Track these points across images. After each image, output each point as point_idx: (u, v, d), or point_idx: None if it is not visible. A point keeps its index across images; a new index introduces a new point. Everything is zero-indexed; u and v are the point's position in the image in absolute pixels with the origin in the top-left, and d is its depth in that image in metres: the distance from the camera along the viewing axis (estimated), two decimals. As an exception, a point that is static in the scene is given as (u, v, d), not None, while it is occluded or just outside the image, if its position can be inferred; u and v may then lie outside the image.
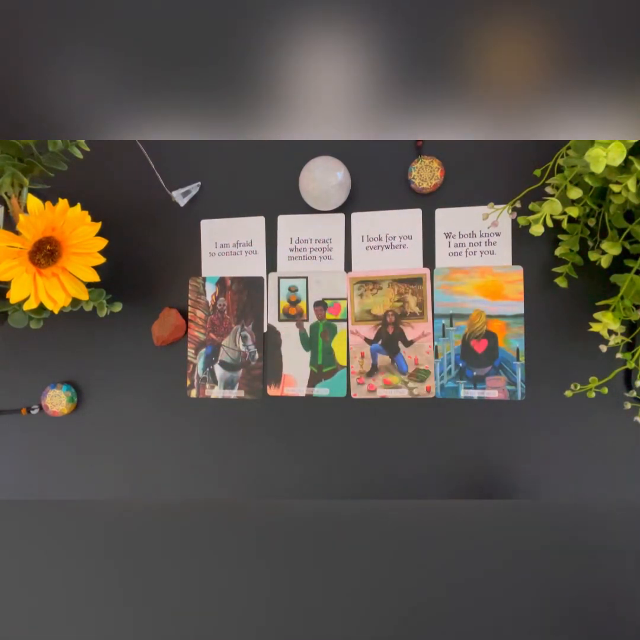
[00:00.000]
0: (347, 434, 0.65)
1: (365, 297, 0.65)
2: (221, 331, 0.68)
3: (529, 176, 0.59)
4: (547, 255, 0.61)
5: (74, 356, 0.71)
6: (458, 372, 0.63)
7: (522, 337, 0.61)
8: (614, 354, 0.56)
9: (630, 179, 0.44)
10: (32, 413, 0.71)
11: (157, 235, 0.69)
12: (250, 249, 0.68)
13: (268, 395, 0.67)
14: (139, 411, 0.69)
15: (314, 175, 0.61)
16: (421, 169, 0.62)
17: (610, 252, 0.52)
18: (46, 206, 0.52)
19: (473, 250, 0.62)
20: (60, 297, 0.55)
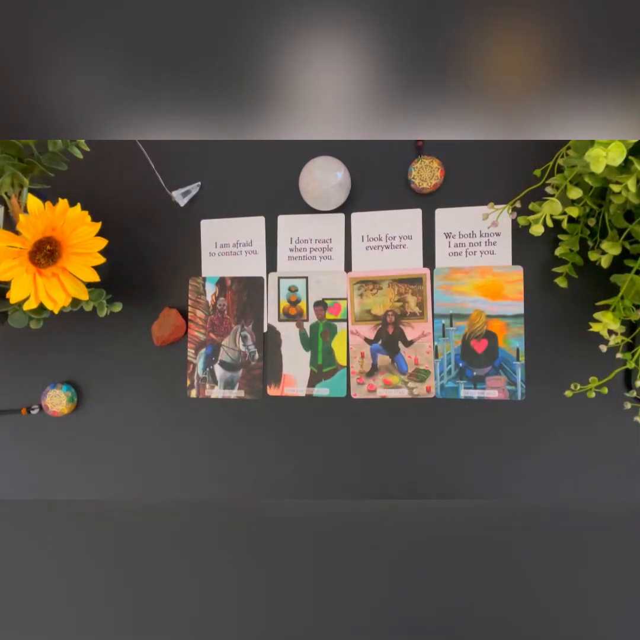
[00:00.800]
0: (347, 434, 0.65)
1: (365, 297, 0.65)
2: (221, 331, 0.68)
3: (529, 176, 0.59)
4: (547, 255, 0.61)
5: (74, 356, 0.71)
6: (458, 372, 0.63)
7: (522, 337, 0.61)
8: (614, 354, 0.56)
9: (630, 179, 0.44)
10: (32, 413, 0.71)
11: (157, 235, 0.69)
12: (250, 249, 0.68)
13: (268, 395, 0.67)
14: (139, 411, 0.69)
15: (314, 175, 0.61)
16: (421, 169, 0.62)
17: (610, 252, 0.52)
18: (46, 206, 0.52)
19: (473, 250, 0.62)
20: (60, 297, 0.55)
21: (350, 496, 0.65)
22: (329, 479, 0.65)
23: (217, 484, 0.67)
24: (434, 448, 0.63)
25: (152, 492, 0.69)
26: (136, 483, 0.69)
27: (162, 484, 0.68)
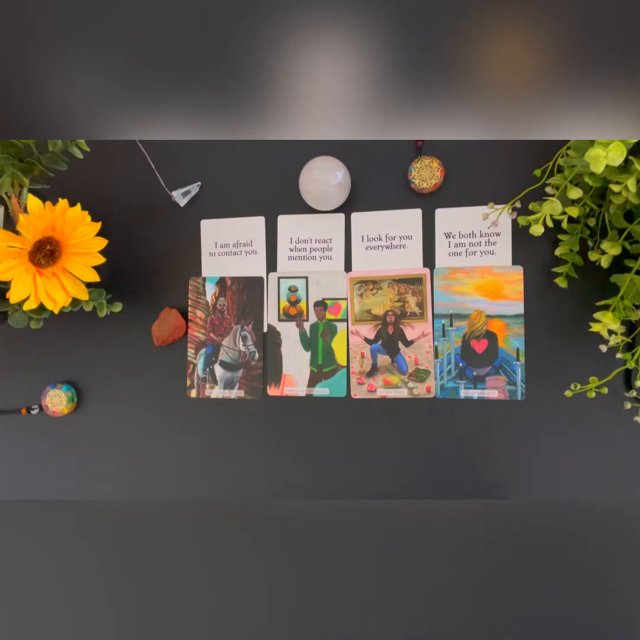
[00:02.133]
0: (347, 434, 0.65)
1: (365, 297, 0.65)
2: (221, 331, 0.68)
3: (529, 176, 0.59)
4: (547, 255, 0.61)
5: (74, 356, 0.71)
6: (458, 372, 0.63)
7: (522, 337, 0.61)
8: (614, 354, 0.56)
9: (630, 179, 0.44)
10: (32, 413, 0.71)
11: (157, 235, 0.70)
12: (250, 249, 0.68)
13: (268, 395, 0.67)
14: (139, 411, 0.69)
15: (314, 175, 0.61)
16: (421, 169, 0.62)
17: (610, 252, 0.52)
18: (46, 206, 0.52)
19: (473, 250, 0.62)
20: (60, 297, 0.55)
21: (350, 496, 0.65)
22: (329, 478, 0.65)
23: (217, 484, 0.67)
24: (434, 448, 0.63)
25: (152, 492, 0.69)
26: (136, 483, 0.69)
27: (162, 484, 0.68)
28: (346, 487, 0.65)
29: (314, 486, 0.65)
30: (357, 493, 0.65)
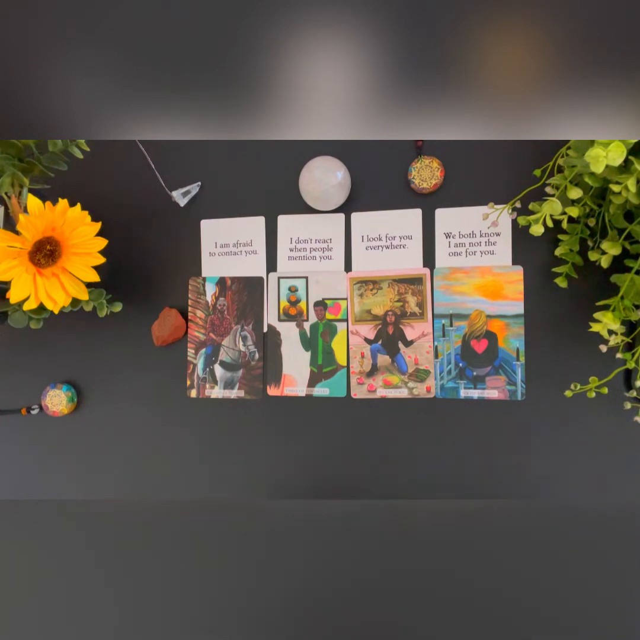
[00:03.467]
0: (347, 434, 0.65)
1: (365, 297, 0.65)
2: (221, 331, 0.68)
3: (529, 176, 0.59)
4: (547, 255, 0.61)
5: (74, 356, 0.71)
6: (458, 372, 0.63)
7: (522, 337, 0.61)
8: (614, 354, 0.56)
9: (630, 179, 0.44)
10: (32, 413, 0.71)
11: (157, 235, 0.69)
12: (250, 249, 0.68)
13: (268, 395, 0.67)
14: (139, 411, 0.69)
15: (314, 175, 0.61)
16: (421, 169, 0.62)
17: (610, 252, 0.52)
18: (46, 206, 0.52)
19: (473, 250, 0.62)
20: (60, 297, 0.55)
21: (350, 496, 0.65)
22: (329, 478, 0.65)
23: (217, 484, 0.67)
24: (434, 448, 0.63)
25: (152, 492, 0.69)
26: (136, 483, 0.69)
27: (162, 483, 0.68)
28: (346, 487, 0.65)
29: (313, 486, 0.65)
30: (357, 493, 0.65)
